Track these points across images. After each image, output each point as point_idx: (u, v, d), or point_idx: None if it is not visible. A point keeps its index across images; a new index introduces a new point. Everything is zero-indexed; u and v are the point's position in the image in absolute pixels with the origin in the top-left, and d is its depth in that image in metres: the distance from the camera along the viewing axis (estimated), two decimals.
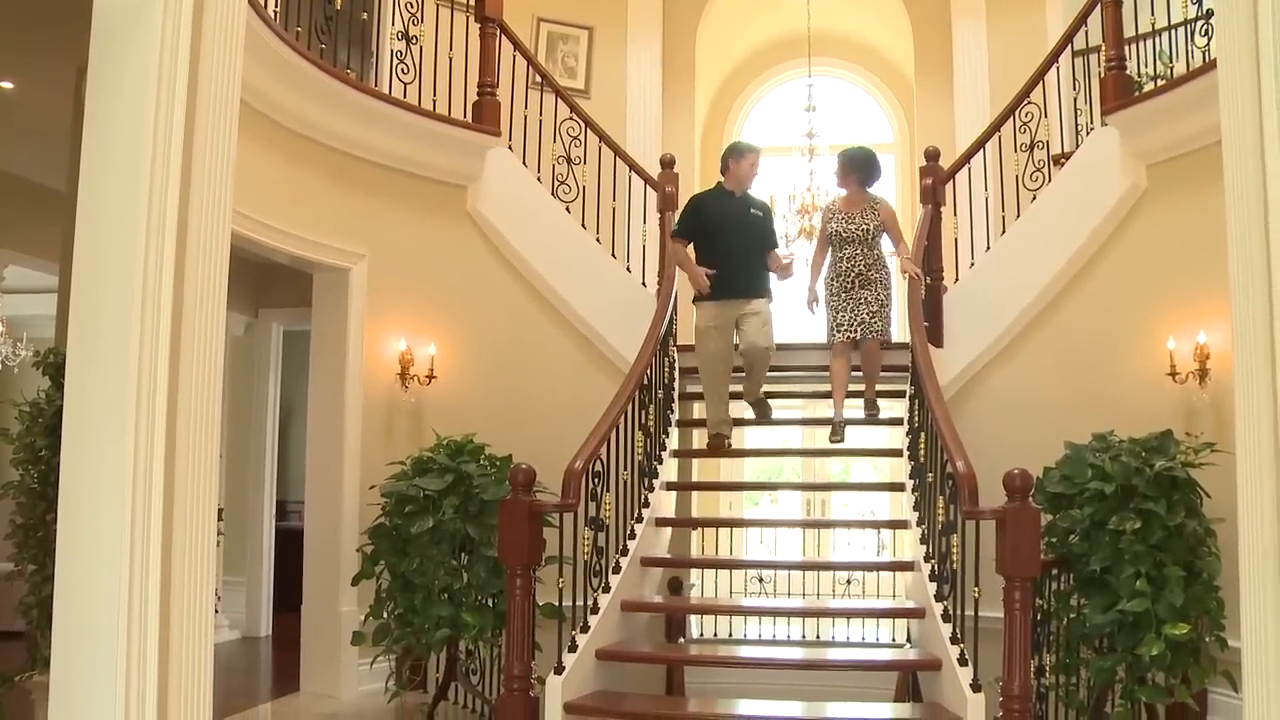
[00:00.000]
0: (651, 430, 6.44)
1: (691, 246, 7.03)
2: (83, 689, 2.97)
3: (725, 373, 6.95)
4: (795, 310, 10.32)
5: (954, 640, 5.06)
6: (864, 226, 6.94)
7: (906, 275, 6.96)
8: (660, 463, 6.58)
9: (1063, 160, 7.44)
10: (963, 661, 4.93)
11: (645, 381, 6.30)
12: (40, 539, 4.56)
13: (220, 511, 4.81)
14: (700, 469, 8.05)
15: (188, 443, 3.17)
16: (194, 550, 3.19)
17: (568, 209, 7.79)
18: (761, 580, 8.67)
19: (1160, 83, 6.71)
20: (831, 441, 7.03)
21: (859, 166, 7.06)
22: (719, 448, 7.07)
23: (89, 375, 3.07)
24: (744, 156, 7.04)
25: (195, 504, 3.20)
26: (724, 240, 6.88)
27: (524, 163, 7.79)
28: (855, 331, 6.86)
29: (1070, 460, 5.48)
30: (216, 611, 3.63)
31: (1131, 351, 6.65)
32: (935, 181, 7.31)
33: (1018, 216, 7.27)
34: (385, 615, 5.99)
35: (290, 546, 8.80)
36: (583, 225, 7.78)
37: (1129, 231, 6.75)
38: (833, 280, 7.01)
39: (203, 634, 3.24)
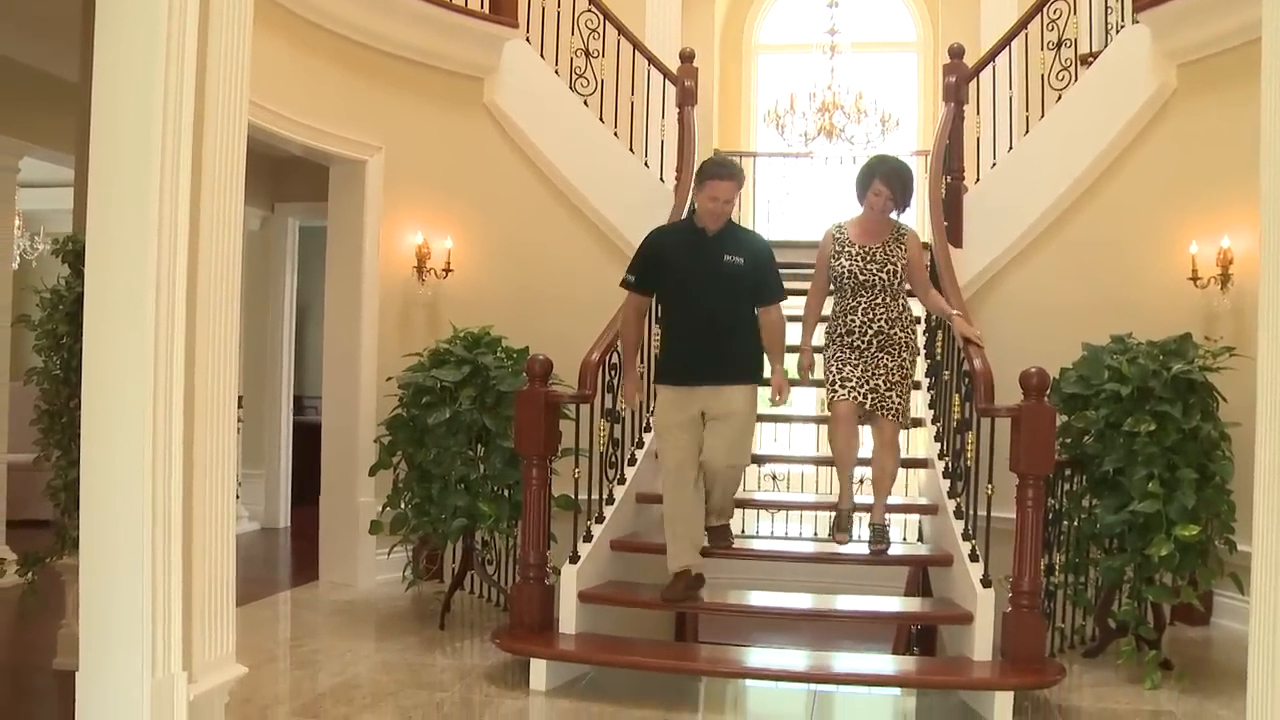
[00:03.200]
0: None
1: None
2: (109, 569, 3.03)
3: (694, 492, 5.08)
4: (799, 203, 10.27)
5: (966, 537, 5.11)
6: (889, 267, 5.26)
7: (963, 341, 5.23)
8: None
9: (1091, 59, 7.28)
10: (974, 558, 4.99)
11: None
12: (65, 424, 4.62)
13: (240, 399, 4.87)
14: None
15: (207, 329, 3.19)
16: (215, 434, 3.23)
17: (585, 103, 7.70)
18: (775, 478, 8.75)
19: None
20: (835, 540, 5.50)
21: (900, 183, 5.28)
22: (682, 597, 5.07)
23: (108, 263, 3.07)
24: (704, 186, 5.01)
25: (215, 389, 3.24)
26: (687, 299, 5.09)
27: (541, 55, 7.68)
28: (864, 396, 5.26)
29: (1087, 361, 5.47)
30: (237, 498, 3.69)
31: (1153, 255, 6.59)
32: (959, 79, 7.17)
33: (1042, 116, 7.15)
34: (402, 505, 6.07)
35: (307, 440, 8.92)
36: (601, 119, 7.70)
37: (1156, 132, 6.64)
38: (840, 337, 5.36)
39: (224, 513, 3.30)
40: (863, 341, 5.27)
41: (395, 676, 5.06)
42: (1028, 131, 7.18)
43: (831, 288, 5.42)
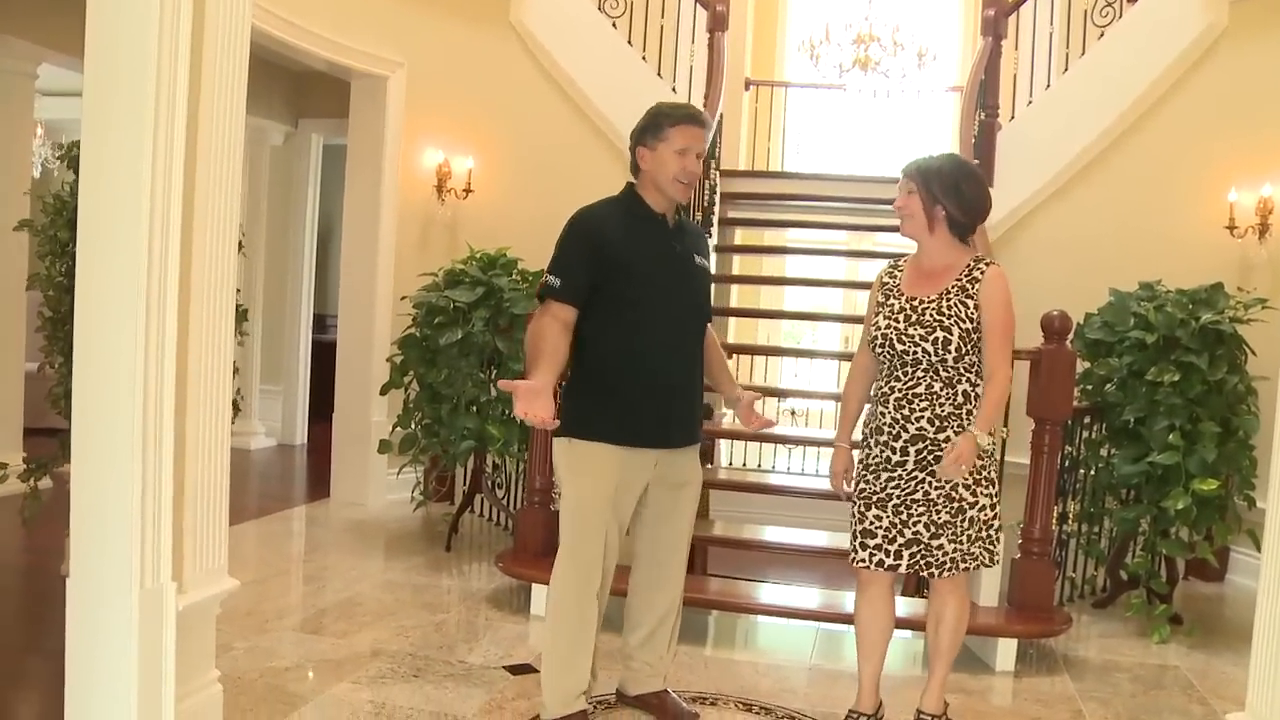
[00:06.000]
0: None
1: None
2: (100, 478, 2.98)
3: (603, 590, 3.45)
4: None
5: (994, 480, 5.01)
6: (938, 335, 3.31)
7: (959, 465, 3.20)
8: None
9: None
10: None
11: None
12: (67, 331, 4.58)
13: (245, 312, 4.81)
14: (739, 295, 7.97)
15: (204, 233, 3.11)
16: (210, 344, 3.17)
17: (614, 24, 7.53)
18: (794, 414, 8.69)
19: None
20: None
21: (926, 173, 3.39)
22: None
23: (102, 166, 2.98)
24: (667, 135, 3.33)
25: (212, 300, 3.16)
26: (652, 318, 3.35)
27: None
28: (898, 554, 3.39)
29: (1113, 307, 5.34)
30: (237, 411, 3.65)
31: (1190, 201, 6.42)
32: (998, 13, 6.94)
33: (1083, 54, 6.93)
34: (412, 425, 6.04)
35: (329, 359, 8.88)
36: (629, 42, 7.53)
37: (1201, 73, 6.42)
38: (869, 438, 3.50)
39: (218, 425, 3.24)
40: (894, 449, 3.37)
41: (398, 596, 5.06)
42: (1067, 69, 6.96)
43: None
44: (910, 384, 3.37)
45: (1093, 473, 5.37)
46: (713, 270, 3.83)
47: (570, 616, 3.41)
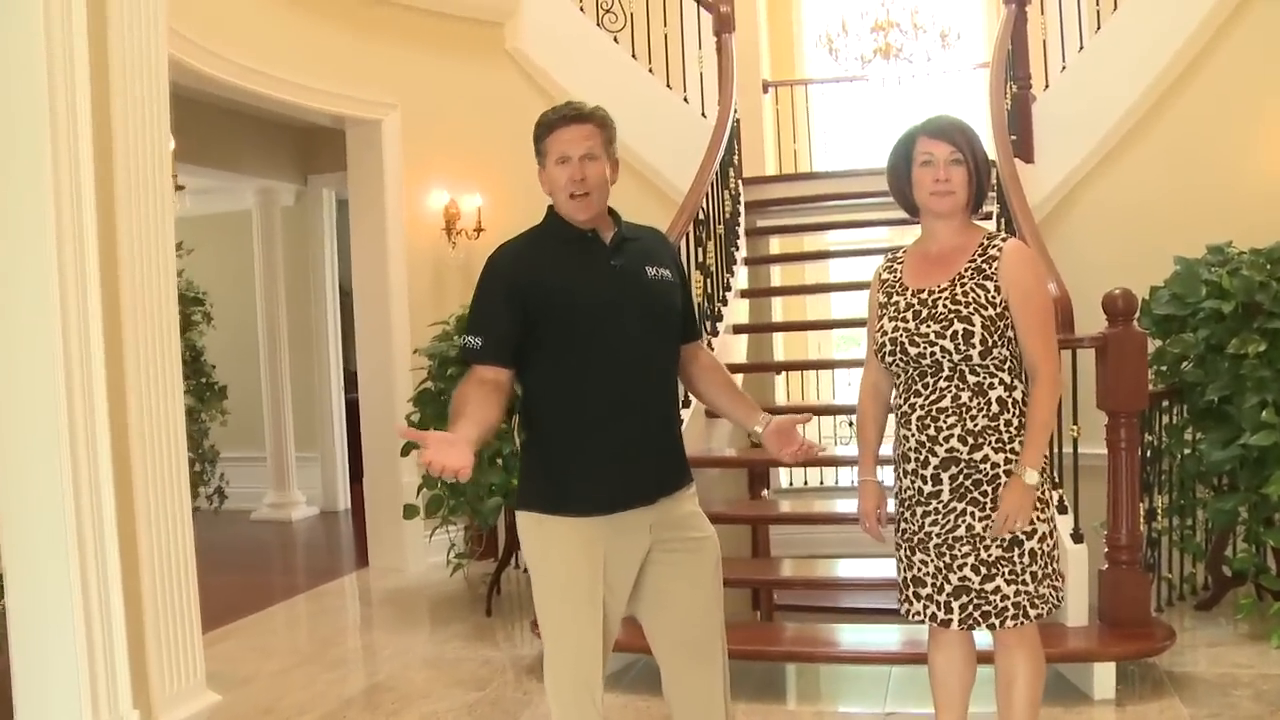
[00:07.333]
0: (712, 270, 5.86)
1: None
2: (37, 600, 2.64)
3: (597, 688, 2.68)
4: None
5: (1052, 486, 4.53)
6: (957, 328, 2.73)
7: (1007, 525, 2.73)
8: (724, 304, 6.02)
9: None
10: (1062, 509, 4.38)
11: (701, 216, 5.70)
12: None
13: (223, 389, 4.46)
14: (784, 308, 7.56)
15: (134, 312, 2.77)
16: (158, 421, 2.81)
17: (615, 39, 7.17)
18: (851, 425, 8.22)
19: None
20: None
21: (962, 132, 2.80)
22: None
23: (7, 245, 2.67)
24: (544, 146, 2.77)
25: (153, 369, 2.81)
26: (603, 356, 2.65)
27: None
28: (946, 605, 2.80)
29: (1181, 277, 4.84)
30: (223, 499, 3.28)
31: (1253, 153, 5.90)
32: None
33: (1115, 8, 6.41)
34: (438, 486, 5.67)
35: None
36: (633, 56, 7.16)
37: (1253, 10, 5.88)
38: (897, 466, 2.92)
39: (178, 521, 2.89)
40: (924, 478, 2.81)
41: (431, 674, 4.68)
42: (1100, 27, 6.45)
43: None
44: (933, 397, 2.77)
45: (1179, 461, 4.87)
46: (746, 283, 3.13)
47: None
